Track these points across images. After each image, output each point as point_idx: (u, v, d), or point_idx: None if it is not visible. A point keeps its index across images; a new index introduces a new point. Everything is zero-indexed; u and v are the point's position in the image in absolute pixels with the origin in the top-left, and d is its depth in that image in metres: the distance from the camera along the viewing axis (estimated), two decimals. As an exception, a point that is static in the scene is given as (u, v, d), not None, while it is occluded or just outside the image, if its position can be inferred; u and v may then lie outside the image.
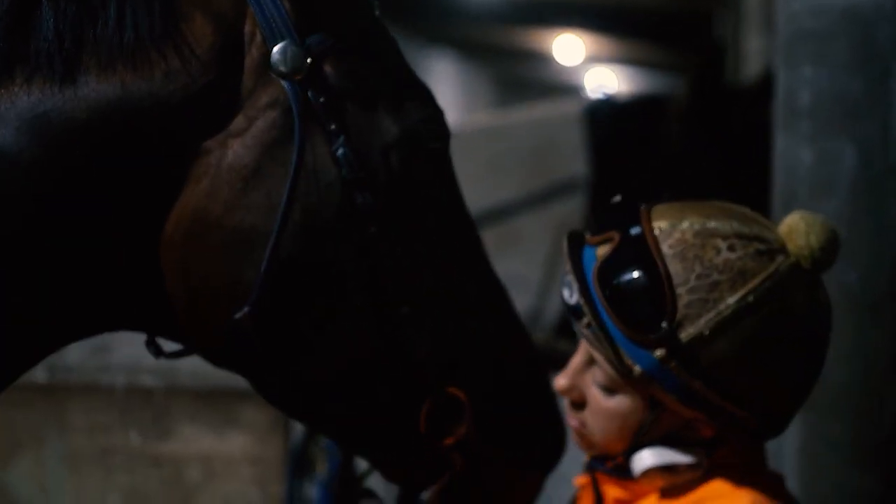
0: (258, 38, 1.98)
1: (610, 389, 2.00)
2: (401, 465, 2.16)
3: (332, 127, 1.99)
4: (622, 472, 2.03)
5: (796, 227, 1.97)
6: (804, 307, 1.96)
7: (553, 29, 18.10)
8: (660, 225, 1.99)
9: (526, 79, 22.28)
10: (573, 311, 2.01)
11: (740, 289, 1.92)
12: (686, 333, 1.91)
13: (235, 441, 3.84)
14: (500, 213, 5.25)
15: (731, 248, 1.95)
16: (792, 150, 3.52)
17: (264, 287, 1.97)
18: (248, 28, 1.99)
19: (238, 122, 1.97)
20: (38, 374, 3.84)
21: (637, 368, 1.94)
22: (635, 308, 1.94)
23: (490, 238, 2.28)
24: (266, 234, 1.96)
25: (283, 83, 1.97)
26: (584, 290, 1.99)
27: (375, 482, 2.25)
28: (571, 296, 2.01)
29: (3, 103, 1.89)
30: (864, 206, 3.40)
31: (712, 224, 1.98)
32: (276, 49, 1.97)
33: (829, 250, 1.96)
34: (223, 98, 1.97)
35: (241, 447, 3.84)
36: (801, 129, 3.51)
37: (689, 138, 5.10)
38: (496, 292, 2.21)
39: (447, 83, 19.51)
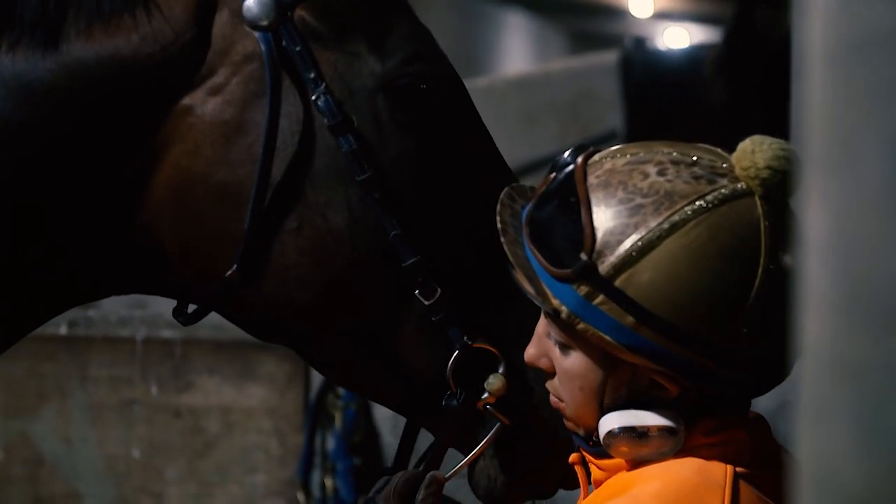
0: None
1: (565, 346, 1.83)
2: (439, 427, 2.08)
3: (311, 75, 1.96)
4: (600, 450, 1.85)
5: (744, 148, 1.78)
6: (749, 235, 1.75)
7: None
8: (595, 159, 1.82)
9: (599, 34, 22.08)
10: (506, 260, 1.86)
11: (665, 211, 1.73)
12: (607, 264, 1.73)
13: (254, 393, 3.86)
14: (536, 167, 5.21)
15: (661, 173, 1.77)
16: (808, 98, 3.46)
17: (250, 243, 1.96)
18: None
19: (218, 77, 1.97)
20: (61, 327, 3.90)
21: (564, 309, 1.77)
22: (554, 241, 1.79)
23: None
24: (249, 189, 1.95)
25: (257, 34, 1.96)
26: (516, 233, 1.86)
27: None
28: (504, 243, 1.86)
29: None
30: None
31: (648, 154, 1.81)
32: (248, 1, 1.96)
33: (778, 169, 1.75)
34: (202, 55, 1.97)
35: (260, 399, 3.86)
36: (818, 75, 3.45)
37: (725, 88, 5.01)
38: None
39: (520, 39, 19.37)
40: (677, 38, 21.01)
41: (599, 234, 1.75)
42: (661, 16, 19.73)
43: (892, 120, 0.86)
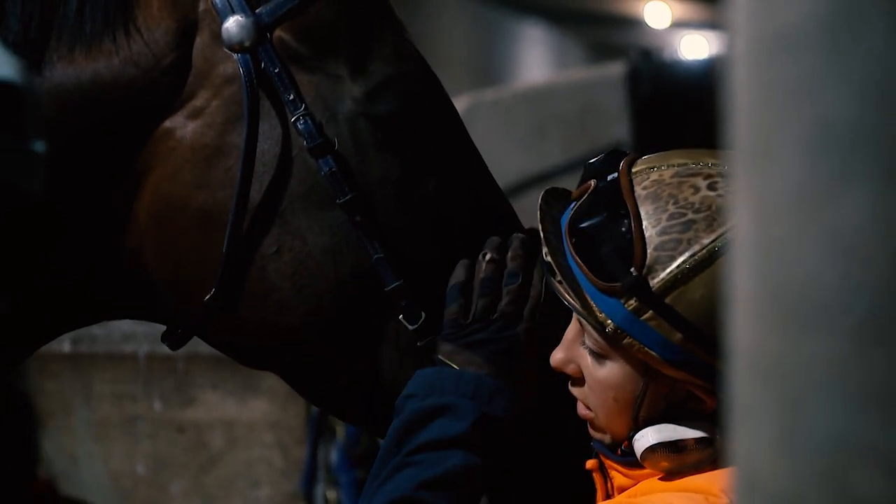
0: (212, 15, 1.96)
1: (601, 356, 1.79)
2: None
3: (290, 97, 1.94)
4: (630, 460, 1.81)
5: None
6: None
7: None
8: (639, 168, 1.80)
9: (617, 45, 22.07)
10: (548, 269, 1.82)
11: (719, 228, 1.71)
12: (658, 280, 1.71)
13: (257, 407, 3.87)
14: (544, 178, 5.20)
15: (711, 187, 1.74)
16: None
17: (228, 267, 1.94)
18: (202, 7, 1.97)
19: (198, 100, 1.95)
20: (65, 344, 3.91)
21: (610, 323, 1.74)
22: (602, 254, 1.76)
23: (534, 203, 2.14)
24: (228, 213, 1.93)
25: (236, 56, 1.95)
26: (557, 242, 1.82)
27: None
28: (546, 253, 1.83)
29: None
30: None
31: (696, 165, 1.78)
32: (226, 23, 1.95)
33: None
34: (183, 78, 1.96)
35: (263, 413, 3.86)
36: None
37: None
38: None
39: (539, 51, 19.39)
40: (695, 47, 20.98)
41: (650, 249, 1.73)
42: (679, 25, 19.73)
43: (808, 117, 0.86)
